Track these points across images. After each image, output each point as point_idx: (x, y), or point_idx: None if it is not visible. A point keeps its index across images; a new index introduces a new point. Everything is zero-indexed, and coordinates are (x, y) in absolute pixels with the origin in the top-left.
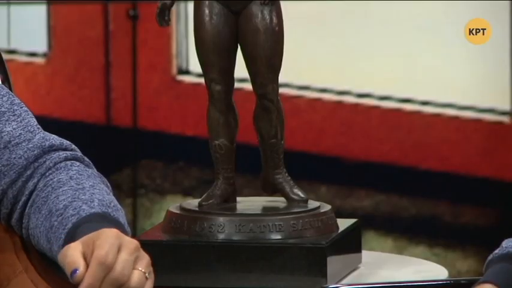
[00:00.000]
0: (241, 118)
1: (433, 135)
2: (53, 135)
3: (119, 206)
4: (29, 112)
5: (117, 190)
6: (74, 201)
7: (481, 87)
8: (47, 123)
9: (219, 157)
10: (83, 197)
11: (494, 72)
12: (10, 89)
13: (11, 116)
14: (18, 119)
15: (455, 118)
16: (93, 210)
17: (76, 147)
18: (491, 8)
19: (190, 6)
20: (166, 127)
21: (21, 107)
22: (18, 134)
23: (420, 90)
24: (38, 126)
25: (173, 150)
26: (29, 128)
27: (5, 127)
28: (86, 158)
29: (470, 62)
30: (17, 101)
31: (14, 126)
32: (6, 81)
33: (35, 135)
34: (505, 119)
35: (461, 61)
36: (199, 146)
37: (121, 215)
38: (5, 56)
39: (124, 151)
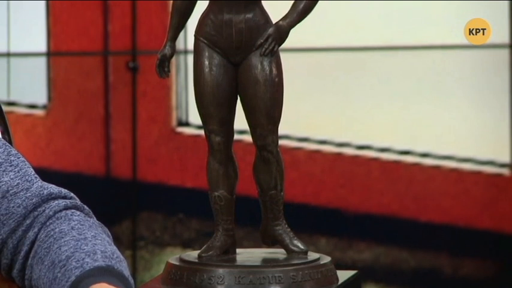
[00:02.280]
0: (241, 170)
1: (432, 188)
2: (51, 184)
3: (121, 256)
4: (26, 162)
5: (117, 242)
6: (77, 251)
7: (480, 140)
8: (46, 175)
9: (219, 208)
10: (85, 247)
11: (493, 125)
12: (10, 140)
13: (8, 167)
14: (16, 169)
15: (455, 170)
16: (96, 264)
17: (74, 196)
18: (491, 59)
19: (190, 57)
20: (165, 179)
21: (18, 158)
22: (16, 184)
23: (420, 142)
24: (36, 175)
25: (173, 202)
26: (27, 177)
27: (3, 177)
28: (85, 207)
29: (470, 114)
30: (13, 151)
31: (11, 176)
32: (6, 133)
33: (33, 184)
34: (504, 171)
35: (460, 113)
36: (199, 197)
37: (124, 266)
38: (4, 108)
39: (123, 203)
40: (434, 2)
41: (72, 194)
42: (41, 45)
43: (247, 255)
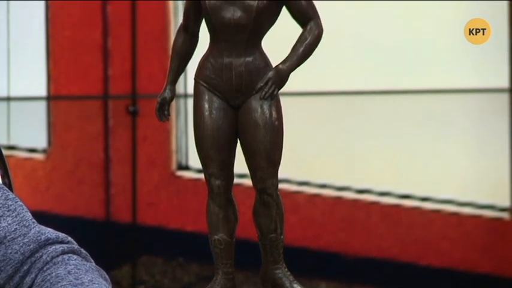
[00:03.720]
0: (240, 213)
1: (432, 232)
2: (49, 229)
3: None
4: (24, 207)
5: (117, 287)
6: None
7: (480, 184)
8: (46, 219)
9: (219, 252)
10: None
11: (493, 169)
12: (10, 184)
13: (5, 212)
14: (13, 214)
15: (455, 214)
16: None
17: (72, 240)
18: (491, 104)
19: (190, 101)
20: (165, 222)
21: (16, 202)
22: (13, 229)
23: (420, 186)
24: (33, 220)
25: (173, 246)
26: (24, 222)
27: (0, 223)
28: (83, 250)
29: (470, 158)
30: (11, 196)
31: (9, 222)
32: (6, 177)
33: (31, 230)
34: (504, 215)
35: (460, 157)
36: (199, 241)
37: None
38: (4, 152)
39: (123, 247)
40: (434, 46)
41: (69, 238)
42: (41, 89)
43: None
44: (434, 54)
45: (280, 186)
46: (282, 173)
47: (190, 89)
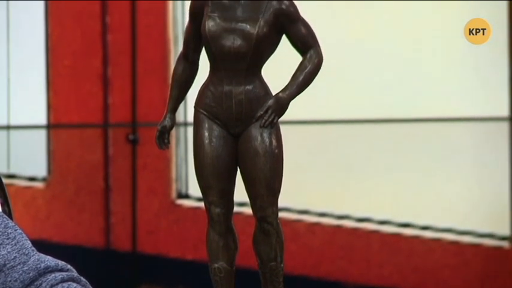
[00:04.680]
0: (240, 242)
1: (432, 260)
2: (48, 257)
3: None
4: (24, 235)
5: None
6: None
7: (480, 212)
8: (46, 248)
9: (219, 280)
10: None
11: (493, 198)
12: (10, 212)
13: (5, 240)
14: (13, 242)
15: (455, 243)
16: None
17: (72, 268)
18: (491, 132)
19: (190, 130)
20: (165, 251)
21: (16, 230)
22: (13, 257)
23: (420, 214)
24: (33, 248)
25: (172, 274)
26: (24, 250)
27: (0, 251)
28: (82, 278)
29: (470, 186)
30: (11, 224)
31: (8, 250)
32: (6, 205)
33: (30, 258)
34: (504, 244)
35: (460, 186)
36: (199, 269)
37: None
38: (4, 180)
39: (123, 275)
40: (433, 75)
41: (69, 266)
42: (41, 118)
43: None
44: (434, 83)
45: (280, 214)
46: (282, 202)
47: (190, 117)
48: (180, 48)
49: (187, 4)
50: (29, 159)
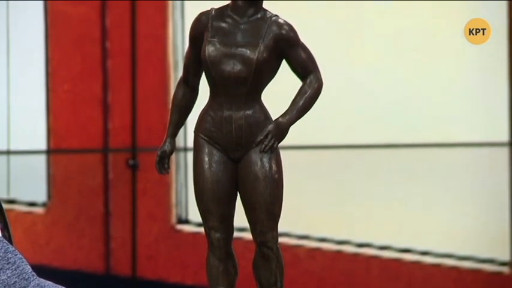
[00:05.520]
0: (240, 267)
1: (432, 285)
2: (48, 282)
3: None
4: (24, 259)
5: None
6: None
7: (480, 238)
8: (46, 273)
9: None
10: None
11: (493, 223)
12: (9, 237)
13: (5, 264)
14: (13, 267)
15: (455, 268)
16: None
17: None
18: (491, 157)
19: (190, 155)
20: (165, 276)
21: (16, 255)
22: (13, 282)
23: (420, 240)
24: (33, 273)
25: None
26: (24, 275)
27: (0, 275)
28: None
29: (469, 212)
30: (11, 248)
31: (8, 275)
32: (6, 230)
33: (30, 283)
34: (504, 269)
35: (460, 211)
36: None
37: None
38: (4, 206)
39: None
40: (434, 101)
41: None
42: (41, 143)
43: None
44: (434, 108)
45: (281, 240)
46: (282, 227)
47: (190, 142)
48: (180, 73)
49: (187, 29)
50: (29, 184)
